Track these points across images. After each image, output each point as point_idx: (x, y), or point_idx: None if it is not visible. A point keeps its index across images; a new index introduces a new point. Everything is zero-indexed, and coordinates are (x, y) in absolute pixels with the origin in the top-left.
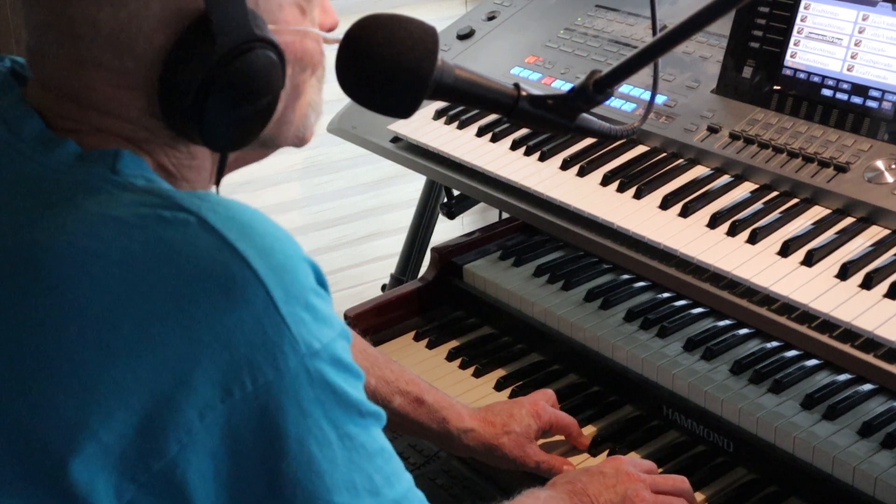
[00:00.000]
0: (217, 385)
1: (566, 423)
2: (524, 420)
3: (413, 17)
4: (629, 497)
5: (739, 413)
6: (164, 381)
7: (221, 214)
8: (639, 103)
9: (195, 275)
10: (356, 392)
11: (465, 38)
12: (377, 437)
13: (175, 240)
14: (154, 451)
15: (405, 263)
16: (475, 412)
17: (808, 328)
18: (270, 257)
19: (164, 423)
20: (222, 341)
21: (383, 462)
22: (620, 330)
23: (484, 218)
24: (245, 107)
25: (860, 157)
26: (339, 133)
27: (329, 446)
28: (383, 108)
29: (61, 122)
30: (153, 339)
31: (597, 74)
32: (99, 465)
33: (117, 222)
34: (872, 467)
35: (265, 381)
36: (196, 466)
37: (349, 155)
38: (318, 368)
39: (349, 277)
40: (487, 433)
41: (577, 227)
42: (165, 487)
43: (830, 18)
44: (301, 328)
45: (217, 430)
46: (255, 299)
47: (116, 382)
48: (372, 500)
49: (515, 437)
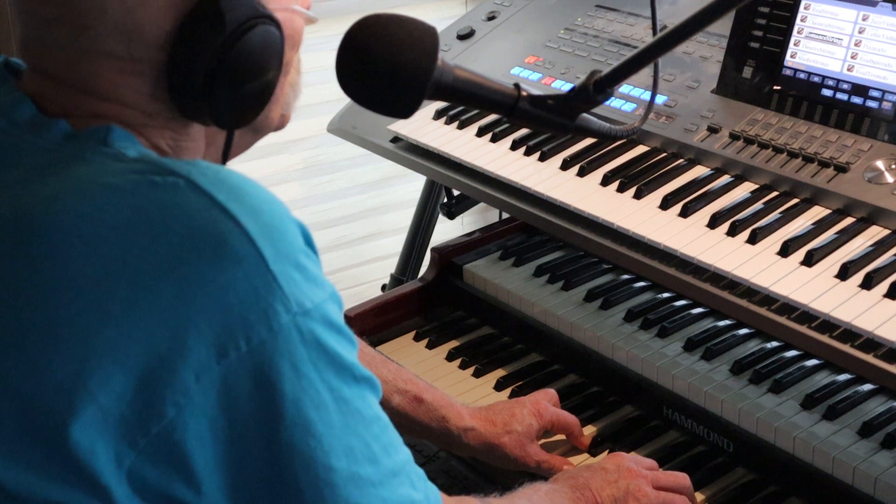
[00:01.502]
0: (212, 346)
1: (568, 422)
2: (526, 419)
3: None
4: (631, 492)
5: (739, 413)
6: (160, 342)
7: (211, 177)
8: (639, 103)
9: (186, 235)
10: (349, 356)
11: (465, 38)
12: (372, 404)
13: (166, 202)
14: (152, 415)
15: (405, 263)
16: (475, 411)
17: (808, 328)
18: (259, 216)
19: (161, 385)
20: (215, 300)
21: (380, 430)
22: (620, 330)
23: (484, 218)
24: (253, 82)
25: (860, 157)
26: (339, 133)
27: (325, 409)
28: (383, 108)
29: (56, 107)
30: (147, 300)
31: (597, 74)
32: (98, 430)
33: (109, 188)
34: (872, 467)
35: (259, 340)
36: (194, 430)
37: (349, 155)
38: (310, 328)
39: (349, 277)
40: (489, 432)
41: (577, 227)
42: (165, 453)
43: (830, 18)
44: (292, 287)
45: (213, 392)
46: (245, 257)
47: (113, 344)
48: (371, 468)
49: (517, 437)
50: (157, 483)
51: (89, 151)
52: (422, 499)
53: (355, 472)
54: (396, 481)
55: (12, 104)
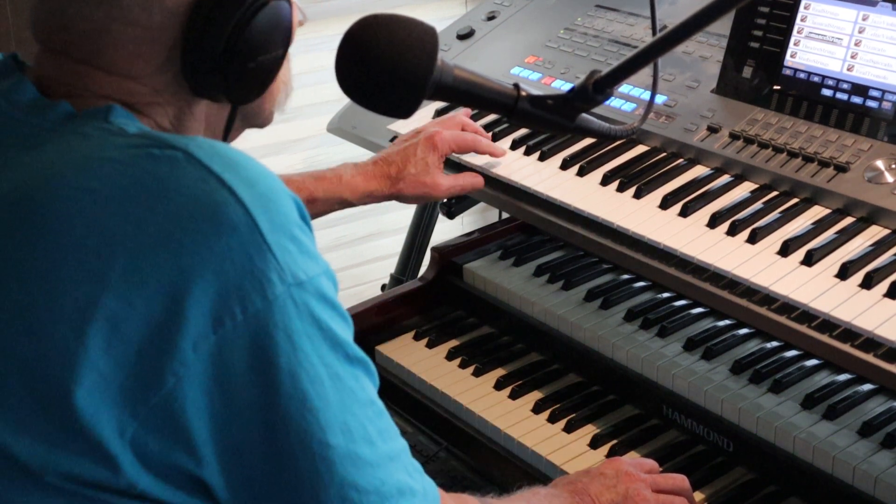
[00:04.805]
0: (209, 315)
1: (467, 141)
2: (419, 158)
3: (413, 17)
4: (630, 496)
5: (739, 413)
6: (158, 310)
7: (207, 150)
8: (639, 103)
9: (183, 205)
10: (344, 334)
11: (465, 38)
12: (367, 388)
13: (164, 173)
14: (151, 383)
15: (405, 263)
16: (369, 170)
17: (808, 328)
18: (255, 187)
19: (160, 353)
20: (211, 269)
21: (374, 414)
22: (620, 330)
23: (484, 218)
24: (266, 55)
25: (860, 157)
26: (339, 133)
27: (321, 384)
28: (383, 108)
29: (58, 88)
30: (145, 269)
31: (597, 74)
32: (101, 397)
33: (109, 162)
34: (872, 467)
35: (254, 310)
36: (192, 399)
37: (349, 155)
38: (304, 301)
39: (349, 277)
40: (384, 187)
41: (577, 227)
42: (165, 423)
43: (830, 18)
44: (286, 257)
45: (210, 362)
46: (240, 226)
47: (112, 312)
48: (367, 448)
49: (412, 179)
50: (159, 453)
51: (90, 127)
52: (419, 489)
53: (352, 451)
54: (393, 466)
55: (13, 87)
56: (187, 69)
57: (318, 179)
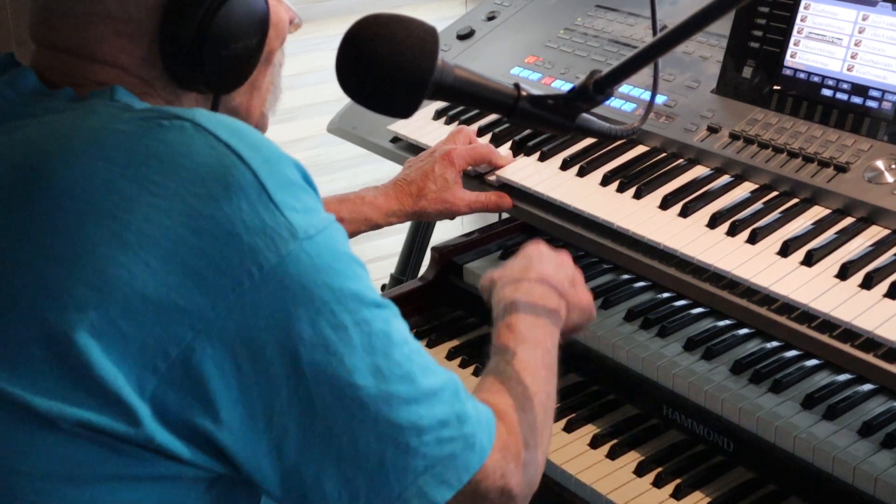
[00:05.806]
0: (224, 274)
1: (482, 153)
2: (438, 175)
3: (413, 17)
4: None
5: (739, 413)
6: (174, 269)
7: (213, 120)
8: (639, 103)
9: (193, 170)
10: (362, 280)
11: (465, 38)
12: (398, 326)
13: (174, 141)
14: (169, 338)
15: (405, 263)
16: (392, 190)
17: (808, 328)
18: (260, 151)
19: (178, 311)
20: (225, 230)
21: (411, 351)
22: (620, 330)
23: (484, 218)
24: (238, 44)
25: (860, 157)
26: (339, 133)
27: (344, 330)
28: (384, 108)
29: (60, 77)
30: (160, 232)
31: (597, 74)
32: (120, 354)
33: (121, 132)
34: (872, 467)
35: (269, 266)
36: (212, 356)
37: (349, 155)
38: (318, 252)
39: None
40: (407, 206)
41: (577, 227)
42: (184, 378)
43: (830, 18)
44: (294, 215)
45: (232, 321)
46: (248, 187)
47: (129, 271)
48: (405, 386)
49: (434, 196)
50: (178, 410)
51: (98, 105)
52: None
53: (385, 391)
54: (436, 399)
55: (15, 77)
56: (167, 60)
57: (341, 201)
